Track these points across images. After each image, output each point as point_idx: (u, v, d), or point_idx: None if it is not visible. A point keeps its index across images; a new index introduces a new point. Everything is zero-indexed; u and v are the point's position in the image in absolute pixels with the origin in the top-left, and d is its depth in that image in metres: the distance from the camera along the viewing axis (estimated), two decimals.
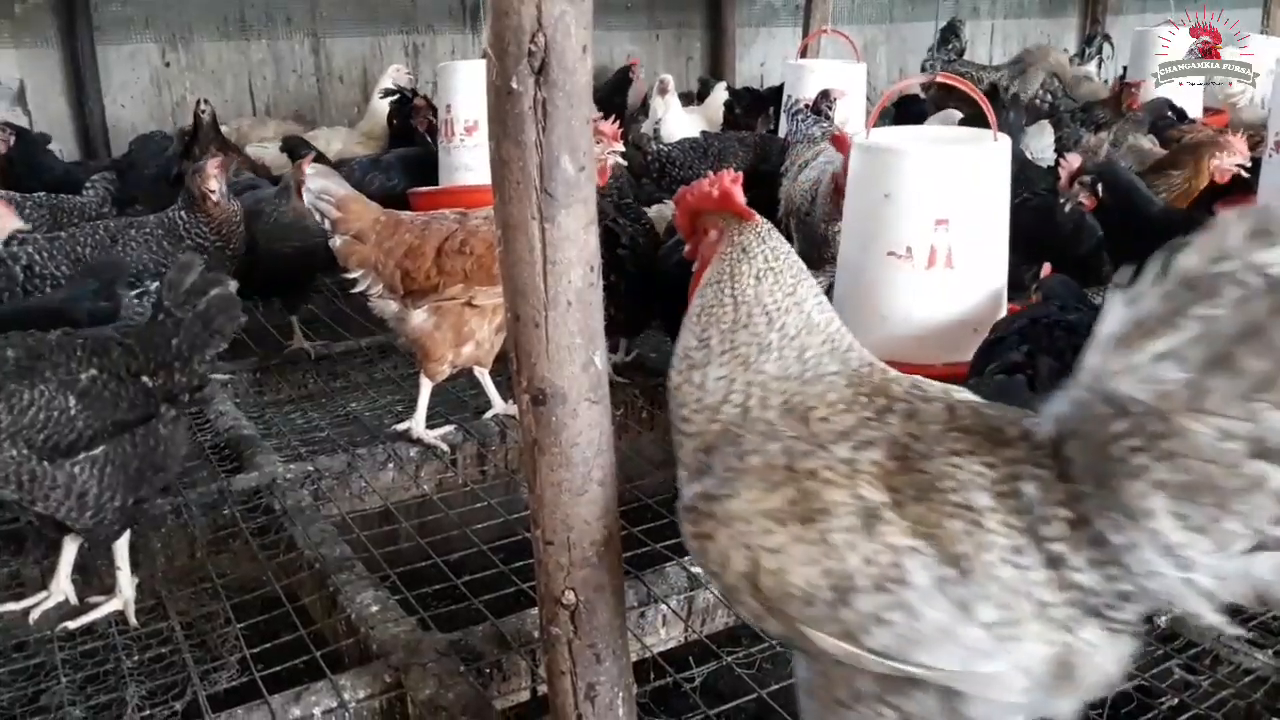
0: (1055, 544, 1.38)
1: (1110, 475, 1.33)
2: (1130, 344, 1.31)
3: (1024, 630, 1.38)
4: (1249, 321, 1.24)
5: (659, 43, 8.10)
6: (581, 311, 1.61)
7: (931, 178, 2.81)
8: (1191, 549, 1.29)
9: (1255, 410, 1.24)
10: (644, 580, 2.60)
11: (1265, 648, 2.33)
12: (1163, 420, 1.28)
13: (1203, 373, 1.26)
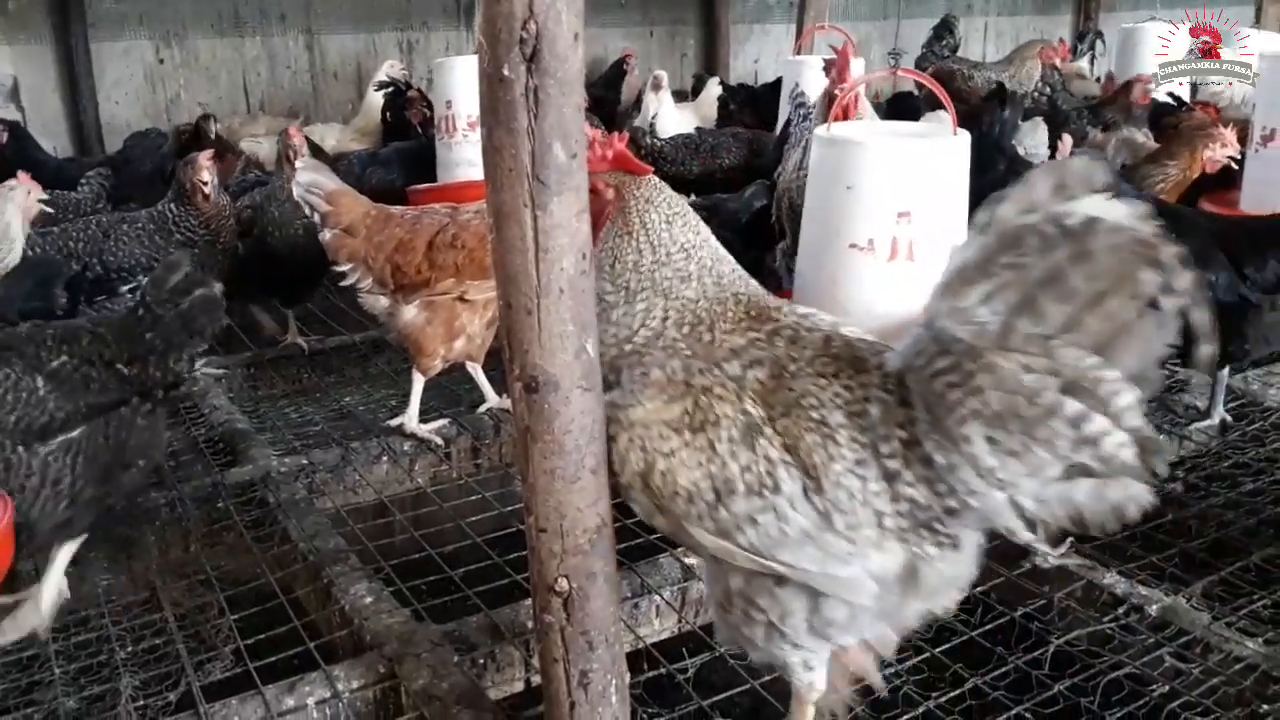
0: (891, 460, 1.58)
1: (935, 404, 1.52)
2: (955, 289, 1.48)
3: (868, 536, 1.59)
4: (1050, 269, 1.40)
5: (653, 39, 8.10)
6: (574, 299, 1.61)
7: (893, 170, 2.86)
8: (1004, 472, 1.48)
9: (1053, 348, 1.42)
10: (637, 571, 2.60)
11: (1256, 636, 2.34)
12: (977, 357, 1.46)
13: (1012, 315, 1.43)
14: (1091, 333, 1.40)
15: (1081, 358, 1.41)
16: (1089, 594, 2.52)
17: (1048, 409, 1.43)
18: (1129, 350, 1.41)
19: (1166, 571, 2.64)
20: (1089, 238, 1.39)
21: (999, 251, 1.45)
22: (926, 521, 1.58)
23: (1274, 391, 3.64)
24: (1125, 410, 1.41)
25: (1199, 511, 2.94)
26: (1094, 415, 1.41)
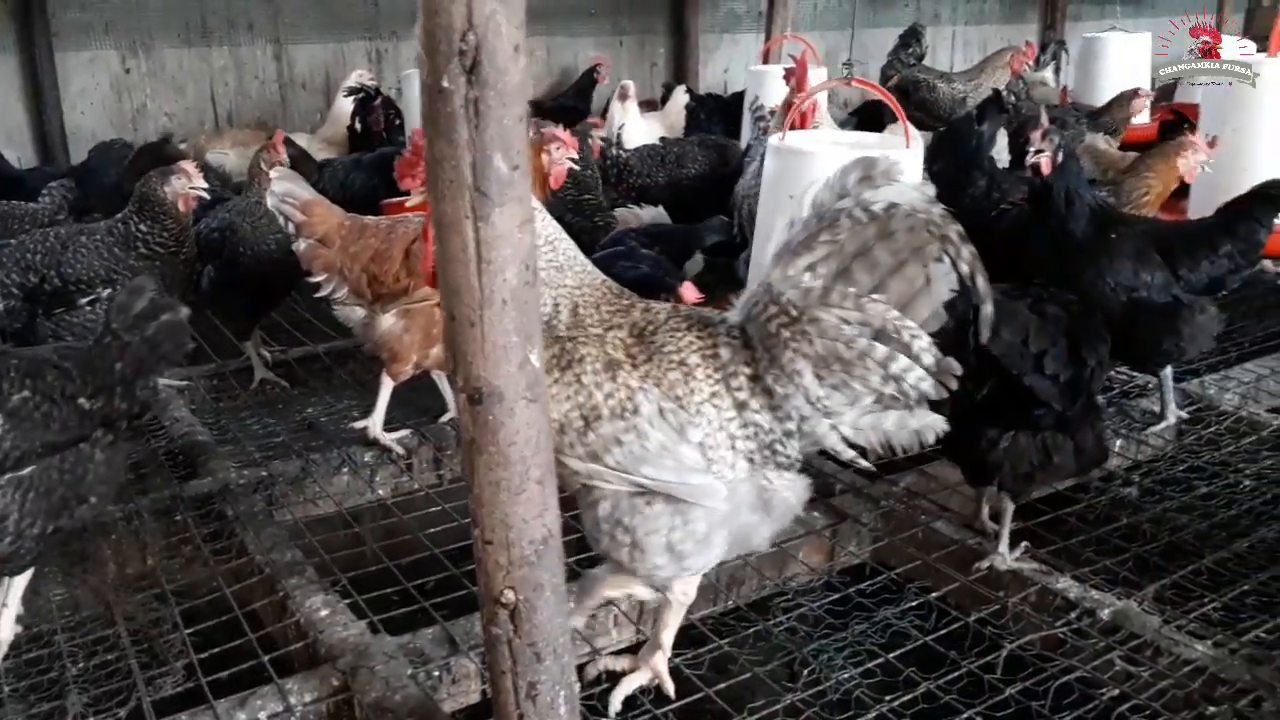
0: (740, 392, 1.90)
1: (773, 345, 1.86)
2: (786, 260, 1.83)
3: (722, 454, 1.89)
4: (861, 244, 1.77)
5: (623, 48, 8.12)
6: (518, 310, 1.61)
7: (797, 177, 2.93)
8: (829, 401, 1.84)
9: (863, 304, 1.79)
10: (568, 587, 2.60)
11: (1205, 638, 2.37)
12: (804, 311, 1.82)
13: (831, 280, 1.80)
14: (894, 293, 1.79)
15: (887, 310, 1.78)
16: (1043, 598, 2.55)
17: (862, 351, 1.79)
18: (924, 305, 1.81)
19: (1119, 575, 2.67)
20: (890, 219, 1.75)
21: (820, 230, 1.80)
22: (770, 444, 1.90)
23: (1229, 396, 3.69)
24: (922, 351, 1.79)
25: (1153, 515, 2.98)
26: (898, 356, 1.79)
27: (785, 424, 1.89)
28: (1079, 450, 2.47)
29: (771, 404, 1.88)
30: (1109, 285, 3.25)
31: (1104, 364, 2.46)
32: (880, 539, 2.92)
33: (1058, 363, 2.32)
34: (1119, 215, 3.51)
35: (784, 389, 1.86)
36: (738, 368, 1.91)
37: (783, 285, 1.83)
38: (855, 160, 1.82)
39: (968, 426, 2.51)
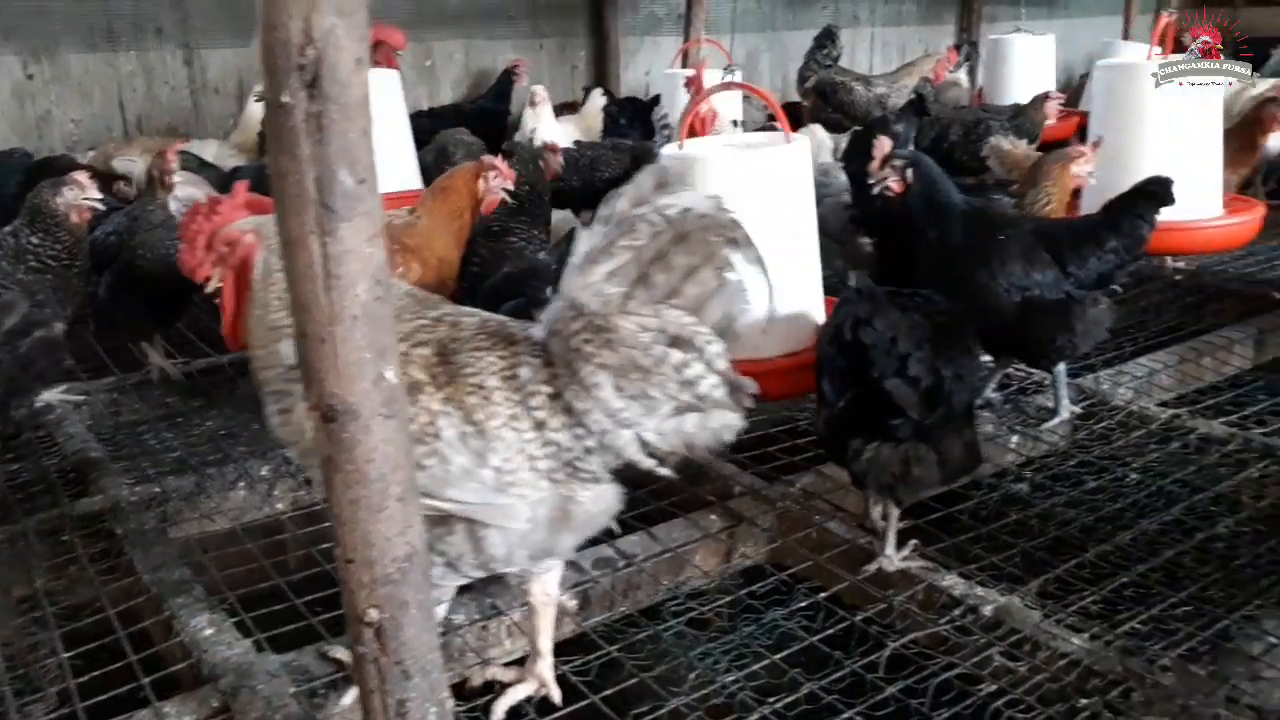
0: (539, 412, 1.89)
1: (573, 360, 1.85)
2: (586, 269, 1.85)
3: (522, 477, 1.89)
4: (658, 249, 1.80)
5: (543, 51, 8.09)
6: (370, 325, 1.60)
7: (712, 184, 2.97)
8: (629, 412, 1.84)
9: (660, 310, 1.81)
10: (486, 593, 2.59)
11: (1083, 631, 2.42)
12: (604, 320, 1.82)
13: (631, 286, 1.82)
14: (689, 297, 1.82)
15: (681, 317, 1.82)
16: (929, 596, 2.58)
17: (658, 358, 1.81)
18: (716, 309, 1.84)
19: (1005, 571, 2.72)
20: (685, 222, 1.81)
21: (618, 237, 1.82)
22: (570, 461, 1.90)
23: (1123, 391, 3.78)
24: (716, 357, 1.83)
25: (1042, 511, 3.04)
26: (693, 362, 1.82)
27: (585, 441, 1.90)
28: (943, 461, 2.50)
29: (570, 421, 1.89)
30: (1002, 286, 3.31)
31: (965, 376, 2.46)
32: (775, 540, 2.94)
33: (921, 366, 2.33)
34: (1001, 216, 3.57)
35: (583, 404, 1.86)
36: (537, 387, 1.90)
37: (584, 294, 1.86)
38: (650, 168, 1.90)
39: (836, 436, 2.55)
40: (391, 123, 5.21)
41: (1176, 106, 4.39)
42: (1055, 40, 7.62)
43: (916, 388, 2.34)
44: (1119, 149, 4.37)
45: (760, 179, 3.14)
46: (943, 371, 2.36)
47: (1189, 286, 5.00)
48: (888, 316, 2.35)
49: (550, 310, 1.95)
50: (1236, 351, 4.24)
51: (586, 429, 1.88)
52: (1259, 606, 2.52)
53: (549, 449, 1.90)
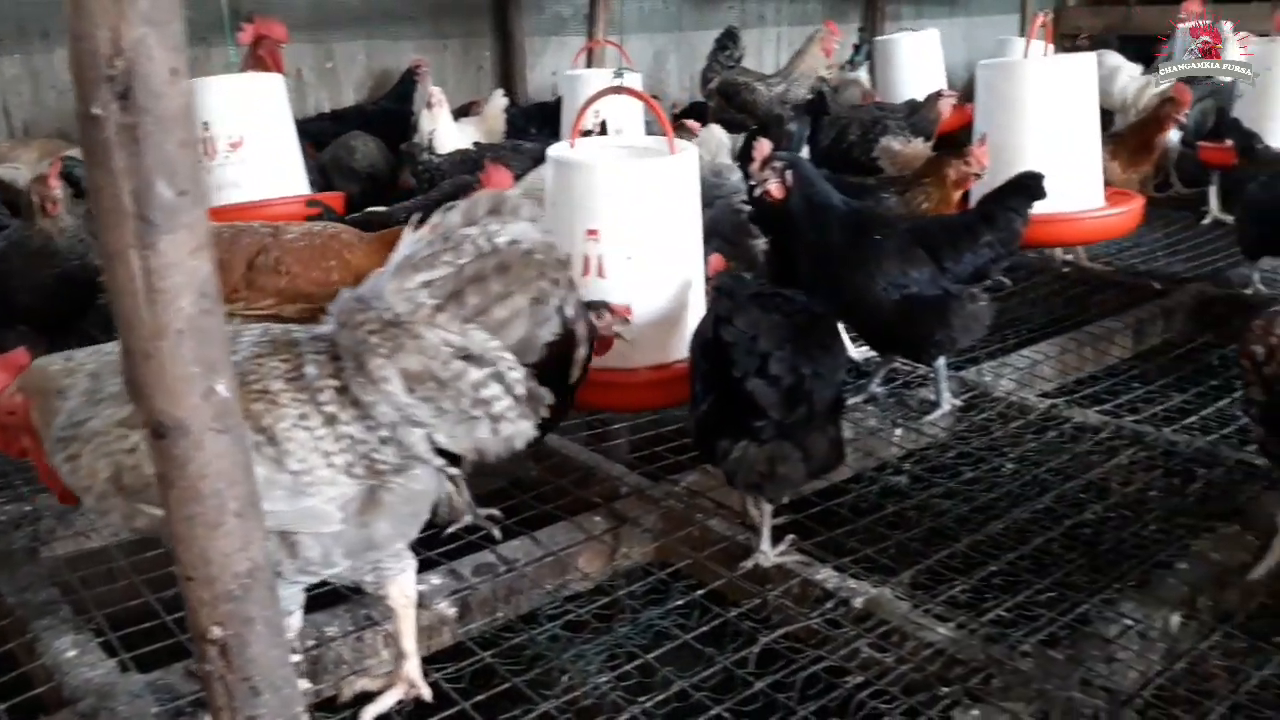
0: (328, 406, 1.89)
1: (361, 353, 1.86)
2: (405, 272, 1.87)
3: (320, 475, 1.89)
4: (478, 272, 1.84)
5: (447, 52, 8.02)
6: (196, 339, 1.57)
7: (580, 189, 3.01)
8: (419, 414, 1.87)
9: (466, 329, 1.85)
10: (361, 603, 2.56)
11: (949, 621, 2.48)
12: (408, 325, 1.84)
13: (444, 300, 1.84)
14: (496, 318, 1.86)
15: (487, 340, 1.85)
16: (804, 590, 2.62)
17: (456, 374, 1.84)
18: (519, 329, 1.89)
19: (879, 564, 2.77)
20: (510, 253, 1.86)
21: (443, 251, 1.86)
22: (366, 454, 1.90)
23: (1004, 382, 3.87)
24: (515, 383, 1.88)
25: (919, 502, 3.10)
26: (490, 383, 1.86)
27: (378, 432, 1.90)
28: (808, 458, 2.54)
29: (361, 414, 1.89)
30: (880, 286, 3.37)
31: (826, 375, 2.49)
32: (658, 540, 2.96)
33: (782, 365, 2.36)
34: (878, 216, 3.64)
35: (370, 396, 1.87)
36: (324, 382, 1.90)
37: (394, 297, 1.86)
38: (487, 194, 1.94)
39: (705, 437, 2.58)
40: (276, 127, 5.11)
41: (1054, 103, 4.52)
42: (940, 37, 7.77)
43: (777, 387, 2.37)
44: (1001, 145, 4.46)
45: (640, 185, 3.16)
46: (803, 370, 2.39)
47: (1075, 279, 5.14)
48: (748, 315, 2.37)
49: (339, 303, 1.96)
50: (1116, 342, 4.37)
51: (376, 420, 1.89)
52: (1118, 590, 2.61)
53: (343, 443, 1.90)
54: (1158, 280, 5.01)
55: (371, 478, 1.93)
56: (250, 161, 5.08)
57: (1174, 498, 3.06)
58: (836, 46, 6.93)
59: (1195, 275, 5.16)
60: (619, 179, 3.15)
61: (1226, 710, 2.21)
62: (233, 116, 5.02)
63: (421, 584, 2.63)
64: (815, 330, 2.56)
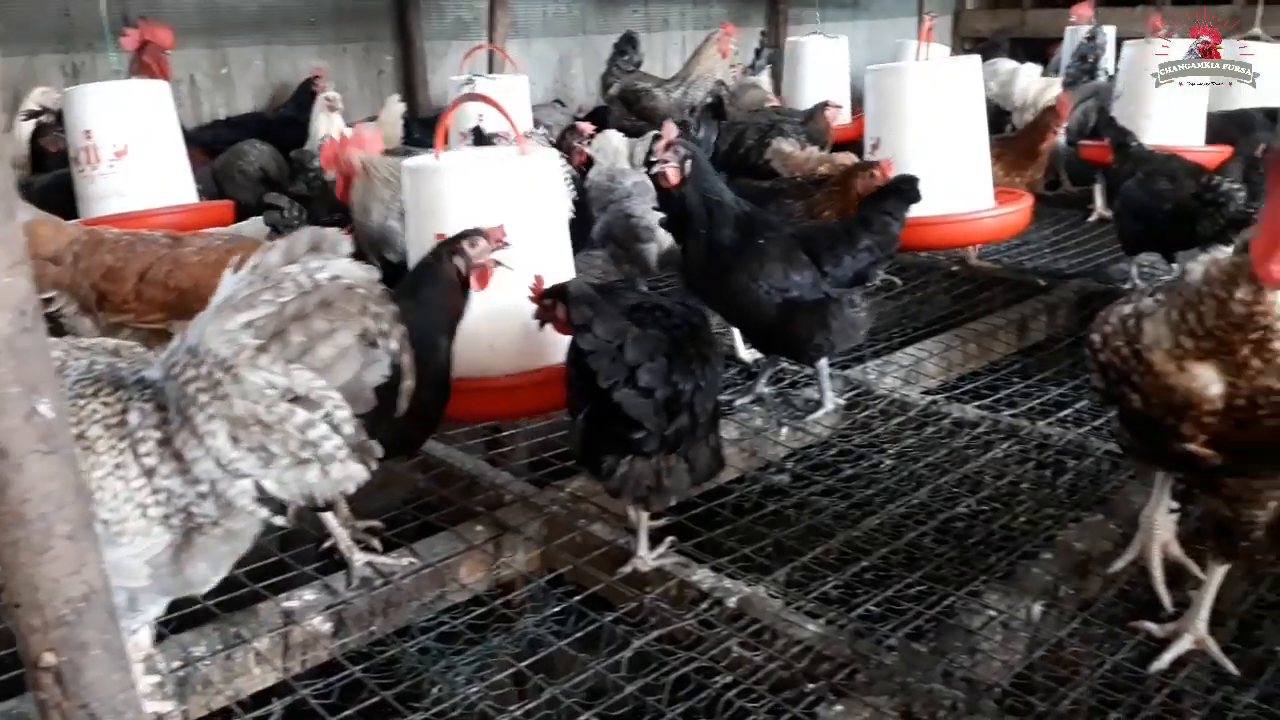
0: (148, 458, 1.84)
1: (186, 406, 1.80)
2: (225, 314, 1.81)
3: (135, 526, 1.84)
4: (300, 309, 1.79)
5: (347, 56, 7.91)
6: (15, 359, 1.52)
7: (428, 194, 3.04)
8: (244, 464, 1.80)
9: (290, 370, 1.79)
10: (230, 621, 2.52)
11: (820, 617, 2.52)
12: (231, 369, 1.78)
13: (267, 339, 1.78)
14: (322, 358, 1.80)
15: (313, 379, 1.79)
16: (680, 592, 2.65)
17: (281, 416, 1.78)
18: (347, 370, 1.83)
19: (756, 562, 2.80)
20: (331, 290, 1.81)
21: (264, 290, 1.81)
22: (184, 507, 1.86)
23: (888, 380, 3.95)
24: (343, 422, 1.81)
25: (799, 500, 3.15)
26: (318, 424, 1.79)
27: (197, 487, 1.84)
28: (692, 469, 2.56)
29: (181, 468, 1.84)
30: (763, 289, 3.41)
31: (706, 387, 2.50)
32: (540, 547, 2.96)
33: (654, 377, 2.35)
34: (766, 219, 3.69)
35: (193, 453, 1.81)
36: (147, 432, 1.84)
37: (215, 339, 1.80)
38: (306, 231, 1.91)
39: (587, 452, 2.58)
40: (160, 135, 5.00)
41: (941, 106, 4.61)
42: (848, 42, 7.89)
43: (651, 399, 2.37)
44: (892, 149, 4.57)
45: (485, 187, 3.16)
46: (682, 385, 2.40)
47: (963, 277, 5.26)
48: (611, 324, 2.36)
49: (168, 351, 1.90)
50: (1000, 338, 4.49)
51: (196, 477, 1.83)
52: (984, 582, 2.67)
53: (159, 496, 1.85)
54: (1043, 277, 5.15)
55: (189, 526, 1.89)
56: (135, 170, 4.97)
57: (1044, 490, 3.15)
58: (733, 47, 7.01)
59: (1079, 272, 5.33)
60: (462, 182, 3.16)
61: (1080, 695, 2.28)
62: (116, 124, 4.91)
63: (294, 600, 2.62)
64: (695, 341, 2.56)
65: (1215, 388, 1.95)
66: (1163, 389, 2.01)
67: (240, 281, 1.85)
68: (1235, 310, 1.89)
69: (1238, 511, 2.20)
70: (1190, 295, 1.97)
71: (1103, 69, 6.92)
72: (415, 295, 2.62)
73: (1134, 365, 2.05)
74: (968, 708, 2.20)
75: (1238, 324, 1.89)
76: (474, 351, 2.99)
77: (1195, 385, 1.96)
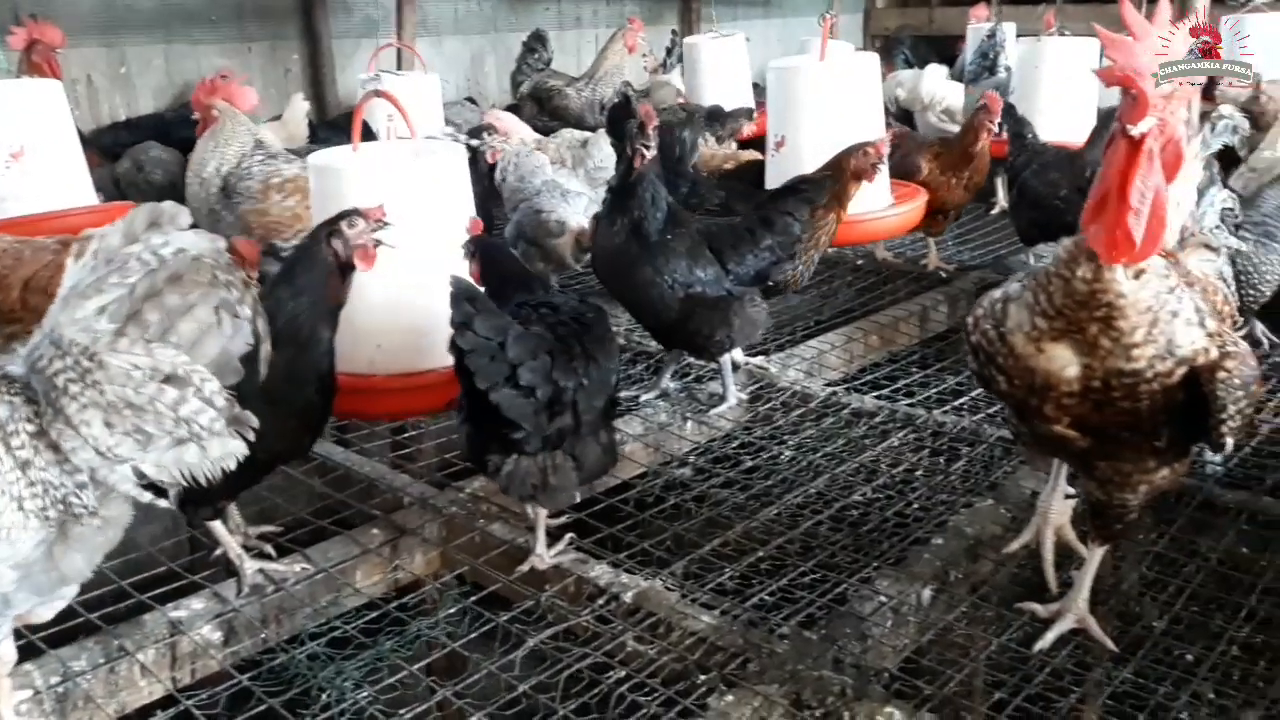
0: (22, 451, 1.82)
1: (58, 398, 1.79)
2: (74, 302, 1.80)
3: (9, 519, 1.81)
4: (151, 287, 1.79)
5: (252, 55, 7.74)
6: None
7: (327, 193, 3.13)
8: (122, 449, 1.81)
9: (152, 349, 1.79)
10: (113, 634, 2.45)
11: (714, 609, 2.53)
12: (93, 357, 1.78)
13: (124, 323, 1.78)
14: (184, 334, 1.81)
15: (176, 355, 1.80)
16: (578, 588, 2.64)
17: (152, 396, 1.79)
18: (212, 345, 1.84)
19: (655, 556, 2.81)
20: (178, 264, 1.80)
21: (109, 273, 1.79)
22: (63, 498, 1.85)
23: (791, 373, 4.00)
24: (213, 394, 1.83)
25: (699, 493, 3.17)
26: (189, 399, 1.81)
27: (76, 476, 1.85)
28: (580, 467, 2.56)
29: (59, 459, 1.84)
30: (667, 283, 3.43)
31: (593, 386, 2.49)
32: (439, 549, 2.94)
33: (536, 376, 2.35)
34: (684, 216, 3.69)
35: (70, 443, 1.81)
36: (18, 425, 1.83)
37: (70, 329, 1.80)
38: (144, 207, 1.89)
39: (475, 450, 2.57)
40: (54, 136, 4.84)
41: (837, 104, 4.67)
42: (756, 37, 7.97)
43: (532, 399, 2.36)
44: (792, 146, 4.62)
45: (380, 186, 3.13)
46: (564, 382, 2.39)
47: (868, 270, 5.35)
48: (491, 322, 2.34)
49: (30, 345, 1.88)
50: (902, 329, 4.57)
51: (76, 466, 1.83)
52: (876, 568, 2.72)
53: (36, 488, 1.83)
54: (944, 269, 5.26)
55: (65, 518, 1.87)
56: (32, 173, 4.80)
57: (938, 476, 3.22)
58: (641, 42, 7.03)
59: (980, 263, 5.45)
60: (358, 181, 3.13)
61: (966, 677, 2.34)
62: (10, 125, 4.74)
63: (182, 610, 2.56)
64: (585, 338, 2.55)
65: (1072, 369, 2.01)
66: (1024, 370, 2.07)
67: (84, 268, 1.83)
68: (1078, 289, 1.95)
69: (1110, 494, 2.27)
70: (1041, 278, 2.03)
71: (1003, 65, 7.07)
72: (292, 282, 2.56)
73: (999, 348, 2.10)
74: (856, 693, 2.23)
75: (1082, 302, 1.95)
76: (362, 349, 2.95)
77: (1053, 367, 2.02)
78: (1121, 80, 1.89)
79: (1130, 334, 1.95)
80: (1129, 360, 1.95)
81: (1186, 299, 2.00)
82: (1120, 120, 1.92)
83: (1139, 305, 1.95)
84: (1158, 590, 2.66)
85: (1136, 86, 1.87)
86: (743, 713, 2.18)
